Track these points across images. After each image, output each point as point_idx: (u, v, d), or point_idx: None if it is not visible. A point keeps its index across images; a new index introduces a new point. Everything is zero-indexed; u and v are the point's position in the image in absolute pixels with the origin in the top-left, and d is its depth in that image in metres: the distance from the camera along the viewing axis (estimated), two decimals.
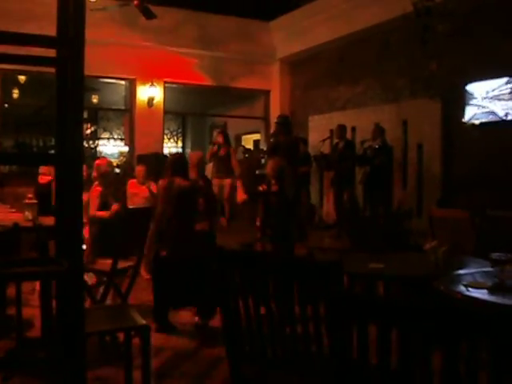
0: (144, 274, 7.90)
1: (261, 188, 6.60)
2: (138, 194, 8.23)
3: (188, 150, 19.48)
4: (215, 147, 11.36)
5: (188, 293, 5.82)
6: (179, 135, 20.43)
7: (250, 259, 3.57)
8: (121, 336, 4.22)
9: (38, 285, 5.53)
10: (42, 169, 8.86)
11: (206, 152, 15.48)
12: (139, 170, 8.74)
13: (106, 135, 18.71)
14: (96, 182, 6.61)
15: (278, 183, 6.39)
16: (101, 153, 18.47)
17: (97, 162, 7.29)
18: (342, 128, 11.05)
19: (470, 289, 3.56)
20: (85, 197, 6.49)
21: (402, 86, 10.84)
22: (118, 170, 12.54)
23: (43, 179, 8.53)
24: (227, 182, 11.16)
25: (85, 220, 6.53)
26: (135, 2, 10.24)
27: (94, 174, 6.66)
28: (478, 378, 2.07)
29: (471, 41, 9.12)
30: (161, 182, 6.13)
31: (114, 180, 7.20)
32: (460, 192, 9.39)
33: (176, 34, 12.71)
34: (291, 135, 9.79)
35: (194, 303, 5.88)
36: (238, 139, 18.08)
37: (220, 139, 11.40)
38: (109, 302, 6.16)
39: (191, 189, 5.87)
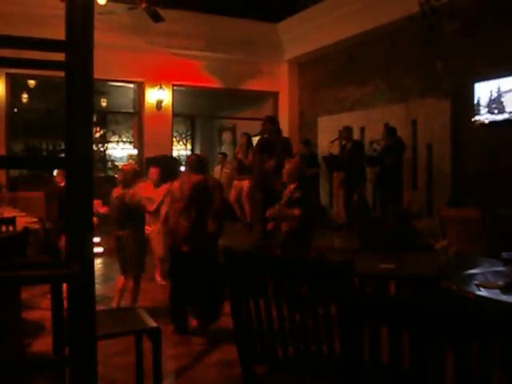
0: (158, 279, 7.90)
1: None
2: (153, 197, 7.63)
3: (197, 153, 19.50)
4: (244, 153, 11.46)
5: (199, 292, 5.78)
6: (188, 137, 20.44)
7: (261, 260, 3.57)
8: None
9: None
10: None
11: (216, 153, 15.56)
12: (153, 171, 8.18)
13: (115, 138, 18.74)
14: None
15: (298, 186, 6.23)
16: (110, 156, 18.53)
17: (123, 166, 7.26)
18: (348, 129, 11.07)
19: (481, 288, 3.55)
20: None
21: (410, 86, 10.81)
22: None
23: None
24: (246, 183, 11.20)
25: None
26: (143, 6, 10.26)
27: (119, 177, 6.52)
28: (490, 378, 2.05)
29: (479, 39, 9.08)
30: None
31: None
32: (470, 191, 9.35)
33: (184, 37, 12.71)
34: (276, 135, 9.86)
35: (202, 303, 5.81)
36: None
37: (243, 141, 11.54)
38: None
39: (202, 185, 5.79)
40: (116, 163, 18.16)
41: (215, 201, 5.70)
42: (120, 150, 18.65)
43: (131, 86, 14.02)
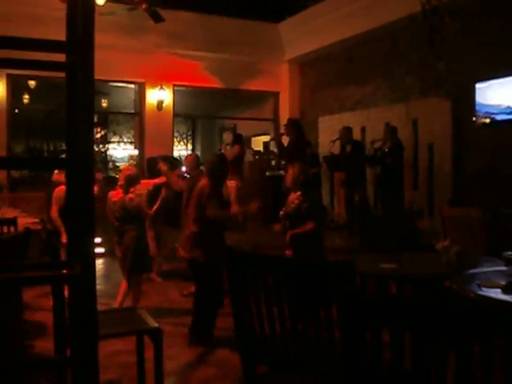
0: (155, 277, 7.91)
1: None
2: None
3: (198, 153, 19.54)
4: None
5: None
6: (189, 138, 20.47)
7: (262, 261, 3.57)
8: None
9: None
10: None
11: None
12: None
13: (116, 139, 18.78)
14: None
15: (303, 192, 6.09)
16: (111, 156, 18.55)
17: (124, 168, 7.19)
18: (347, 129, 11.07)
19: (483, 288, 3.55)
20: None
21: (411, 86, 10.81)
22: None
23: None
24: (233, 183, 11.21)
25: None
26: (143, 6, 10.25)
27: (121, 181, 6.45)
28: (492, 378, 2.05)
29: (481, 39, 9.08)
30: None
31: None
32: (471, 191, 9.35)
33: (184, 37, 12.71)
34: (297, 137, 10.25)
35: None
36: (248, 141, 18.12)
37: (228, 139, 11.65)
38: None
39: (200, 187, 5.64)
40: (117, 164, 18.19)
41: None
42: (121, 151, 18.68)
43: (132, 86, 14.03)
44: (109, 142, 18.68)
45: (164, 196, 7.60)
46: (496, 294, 3.45)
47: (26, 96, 15.32)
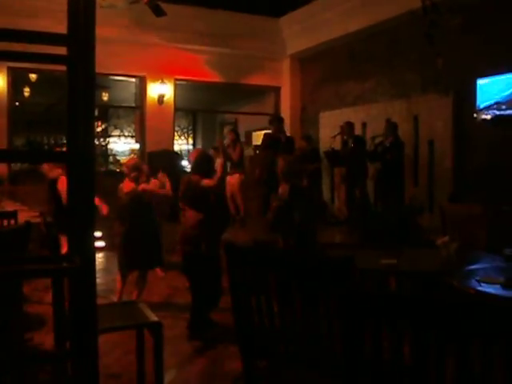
0: (158, 271, 7.92)
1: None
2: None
3: (199, 147, 19.52)
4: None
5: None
6: (190, 132, 20.44)
7: (261, 256, 3.57)
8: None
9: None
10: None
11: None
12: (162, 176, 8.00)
13: (117, 133, 18.76)
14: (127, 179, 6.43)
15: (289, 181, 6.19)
16: (112, 150, 18.55)
17: (127, 160, 7.14)
18: (349, 125, 11.09)
19: (482, 284, 3.55)
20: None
21: (412, 82, 10.79)
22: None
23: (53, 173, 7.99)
24: (236, 177, 11.33)
25: None
26: (145, 0, 10.22)
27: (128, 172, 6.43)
28: (491, 374, 2.05)
29: (482, 35, 9.06)
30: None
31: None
32: (472, 187, 9.34)
33: (186, 31, 12.69)
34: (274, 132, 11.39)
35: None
36: (249, 136, 18.10)
37: (231, 137, 11.75)
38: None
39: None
40: (118, 157, 18.19)
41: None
42: (122, 144, 18.66)
43: (133, 80, 13.99)
44: (109, 136, 18.67)
45: None
46: (496, 290, 3.45)
47: (27, 89, 15.27)
